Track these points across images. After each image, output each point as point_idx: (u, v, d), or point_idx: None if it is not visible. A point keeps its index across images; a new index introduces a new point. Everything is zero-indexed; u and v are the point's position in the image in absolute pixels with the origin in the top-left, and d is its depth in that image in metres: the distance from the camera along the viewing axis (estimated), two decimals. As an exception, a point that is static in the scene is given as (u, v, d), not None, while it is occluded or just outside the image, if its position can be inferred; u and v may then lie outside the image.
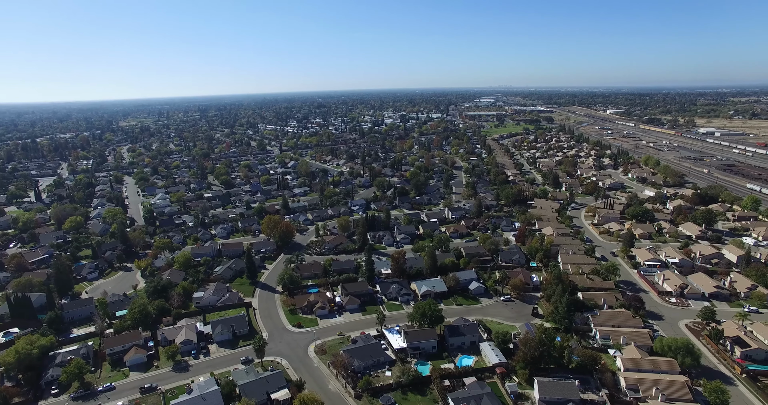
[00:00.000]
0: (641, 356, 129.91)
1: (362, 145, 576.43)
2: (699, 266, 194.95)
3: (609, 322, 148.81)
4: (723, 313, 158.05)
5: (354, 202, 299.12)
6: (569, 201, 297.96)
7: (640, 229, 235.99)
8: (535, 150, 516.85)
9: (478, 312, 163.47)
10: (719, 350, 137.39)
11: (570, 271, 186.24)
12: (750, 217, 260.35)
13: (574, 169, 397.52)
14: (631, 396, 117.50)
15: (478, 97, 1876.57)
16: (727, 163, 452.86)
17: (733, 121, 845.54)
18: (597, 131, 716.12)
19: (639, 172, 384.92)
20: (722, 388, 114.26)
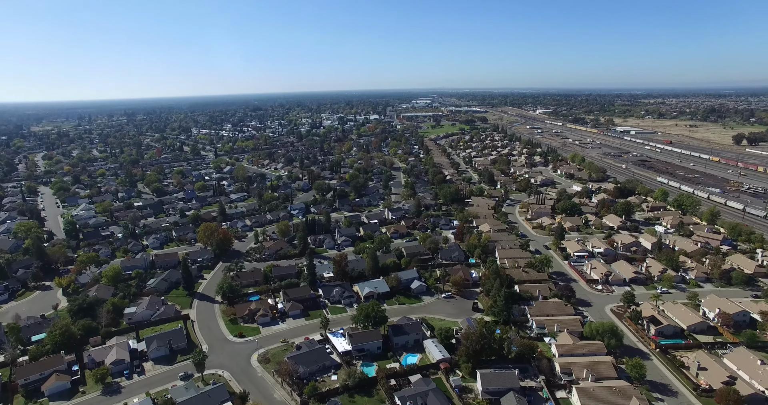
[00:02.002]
0: (573, 342, 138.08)
1: (300, 148, 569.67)
2: (620, 254, 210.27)
3: (544, 312, 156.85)
4: (641, 295, 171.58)
5: (293, 206, 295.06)
6: (504, 198, 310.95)
7: (569, 223, 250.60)
8: (471, 149, 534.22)
9: (420, 310, 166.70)
10: (638, 330, 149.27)
11: (507, 265, 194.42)
12: (660, 207, 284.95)
13: (507, 167, 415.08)
14: (565, 379, 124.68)
15: (415, 98, 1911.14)
16: (641, 158, 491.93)
17: (644, 121, 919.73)
18: (528, 130, 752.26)
19: (567, 168, 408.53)
20: (640, 363, 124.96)
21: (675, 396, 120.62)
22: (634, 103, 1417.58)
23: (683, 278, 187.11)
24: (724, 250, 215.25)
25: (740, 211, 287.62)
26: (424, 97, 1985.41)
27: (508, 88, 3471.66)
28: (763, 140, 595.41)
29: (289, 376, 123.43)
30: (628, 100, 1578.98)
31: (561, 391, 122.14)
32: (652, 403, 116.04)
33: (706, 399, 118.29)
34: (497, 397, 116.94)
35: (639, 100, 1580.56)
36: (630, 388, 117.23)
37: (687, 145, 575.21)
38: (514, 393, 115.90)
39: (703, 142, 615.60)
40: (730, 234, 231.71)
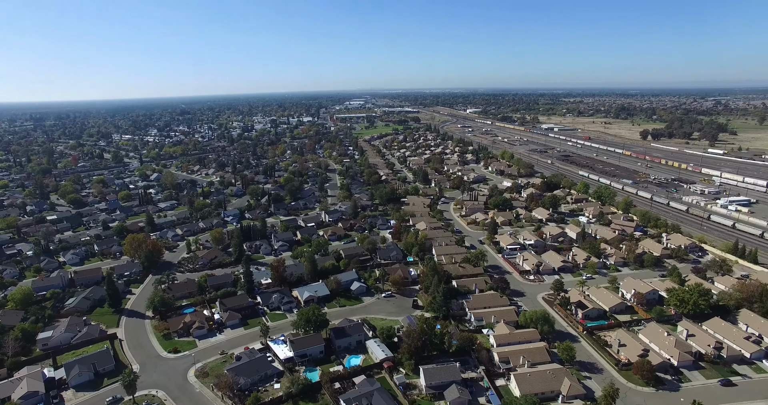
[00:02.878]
0: (509, 331, 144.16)
1: (232, 153, 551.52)
2: (549, 245, 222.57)
3: (481, 305, 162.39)
4: (569, 283, 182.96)
5: (227, 212, 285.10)
6: (439, 196, 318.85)
7: (501, 217, 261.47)
8: (405, 149, 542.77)
9: (361, 311, 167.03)
10: (567, 315, 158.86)
11: (444, 261, 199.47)
12: (583, 199, 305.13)
13: (441, 166, 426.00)
14: (503, 368, 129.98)
15: (349, 99, 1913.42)
16: (564, 154, 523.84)
17: (566, 119, 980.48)
18: (460, 129, 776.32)
19: (497, 165, 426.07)
20: (570, 346, 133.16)
21: (600, 372, 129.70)
22: (556, 102, 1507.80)
23: (604, 264, 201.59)
24: (637, 236, 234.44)
25: (648, 199, 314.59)
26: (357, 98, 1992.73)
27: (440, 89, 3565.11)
28: (663, 135, 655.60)
29: (229, 389, 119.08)
30: (551, 99, 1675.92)
31: (500, 379, 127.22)
32: (582, 382, 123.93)
33: (626, 372, 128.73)
34: (440, 390, 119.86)
35: (560, 99, 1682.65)
36: (562, 370, 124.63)
37: (603, 140, 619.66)
38: (456, 385, 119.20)
39: (617, 137, 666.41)
40: (641, 221, 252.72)
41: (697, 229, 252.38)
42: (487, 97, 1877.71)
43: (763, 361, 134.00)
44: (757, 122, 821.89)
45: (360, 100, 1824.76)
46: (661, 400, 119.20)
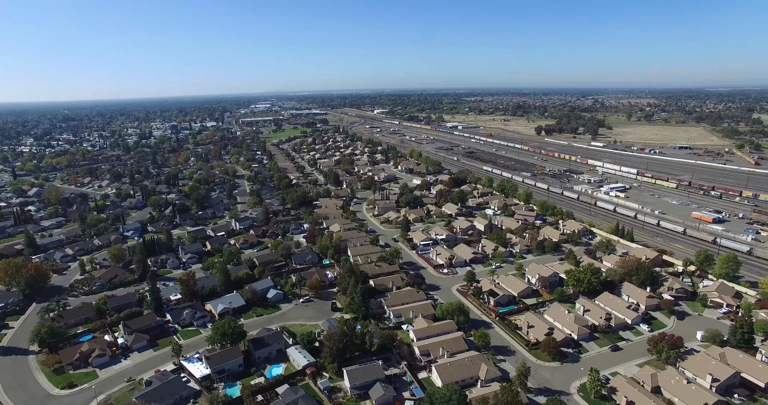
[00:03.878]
0: (428, 325, 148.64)
1: (129, 162, 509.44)
2: (460, 238, 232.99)
3: (399, 301, 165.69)
4: (480, 273, 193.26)
5: (127, 226, 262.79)
6: (351, 197, 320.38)
7: (413, 214, 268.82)
8: (315, 152, 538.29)
9: (280, 319, 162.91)
10: (480, 303, 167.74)
11: (360, 262, 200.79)
12: (488, 193, 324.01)
13: (351, 167, 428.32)
14: (425, 360, 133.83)
15: (254, 102, 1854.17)
16: (469, 150, 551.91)
17: (468, 117, 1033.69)
18: (368, 130, 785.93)
19: (407, 164, 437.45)
20: (485, 332, 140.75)
21: (513, 354, 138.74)
22: (459, 101, 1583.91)
23: (511, 252, 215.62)
24: (538, 224, 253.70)
25: (545, 190, 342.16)
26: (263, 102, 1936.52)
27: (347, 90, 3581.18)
28: (555, 131, 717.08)
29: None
30: (454, 98, 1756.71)
31: (423, 372, 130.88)
32: (497, 365, 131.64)
33: (535, 351, 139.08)
34: (365, 390, 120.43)
35: (463, 98, 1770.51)
36: (479, 357, 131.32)
37: (503, 136, 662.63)
38: (380, 383, 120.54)
39: (515, 133, 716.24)
40: (541, 210, 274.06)
41: (587, 214, 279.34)
42: (394, 97, 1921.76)
43: (641, 325, 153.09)
44: (626, 118, 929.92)
45: (266, 103, 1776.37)
46: (565, 372, 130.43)
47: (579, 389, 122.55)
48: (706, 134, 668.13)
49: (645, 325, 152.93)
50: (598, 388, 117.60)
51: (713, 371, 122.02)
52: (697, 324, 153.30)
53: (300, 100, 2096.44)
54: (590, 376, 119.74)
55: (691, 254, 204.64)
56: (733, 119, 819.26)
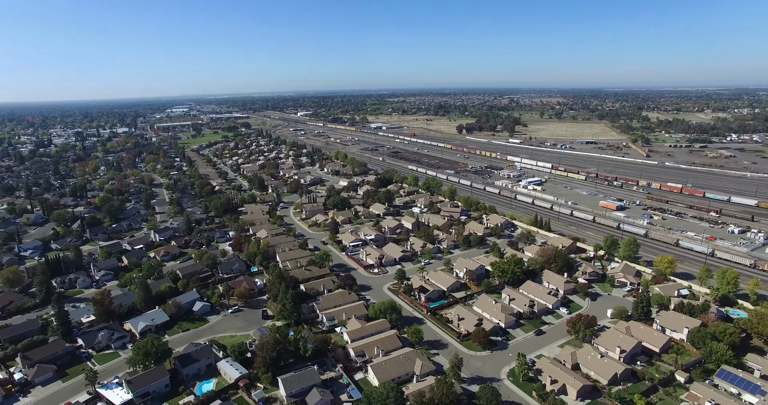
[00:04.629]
0: (361, 325, 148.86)
1: (24, 174, 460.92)
2: (389, 237, 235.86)
3: (331, 304, 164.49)
4: (410, 270, 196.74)
5: (24, 246, 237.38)
6: (277, 201, 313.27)
7: (341, 216, 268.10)
8: (238, 157, 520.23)
9: (208, 332, 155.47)
10: (412, 300, 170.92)
11: (289, 267, 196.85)
12: (414, 191, 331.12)
13: (277, 171, 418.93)
14: (360, 361, 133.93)
15: (170, 107, 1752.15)
16: (394, 150, 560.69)
17: (392, 117, 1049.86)
18: (292, 133, 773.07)
19: (332, 165, 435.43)
20: (418, 328, 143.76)
21: (446, 347, 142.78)
22: (382, 102, 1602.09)
23: (439, 248, 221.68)
24: (463, 219, 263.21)
25: (469, 186, 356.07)
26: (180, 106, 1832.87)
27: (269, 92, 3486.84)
28: (475, 129, 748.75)
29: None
30: (377, 99, 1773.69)
31: (359, 373, 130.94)
32: (431, 359, 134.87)
33: (467, 342, 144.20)
34: (302, 397, 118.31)
35: (385, 99, 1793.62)
36: (414, 352, 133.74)
37: (426, 136, 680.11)
38: (316, 388, 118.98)
39: (438, 132, 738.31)
40: (465, 206, 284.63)
41: (508, 208, 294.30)
42: (317, 99, 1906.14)
43: (561, 309, 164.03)
44: (539, 116, 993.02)
45: (183, 107, 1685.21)
46: (495, 359, 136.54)
47: (508, 374, 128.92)
48: (607, 130, 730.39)
49: (564, 308, 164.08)
50: (526, 371, 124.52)
51: (621, 344, 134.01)
52: (607, 303, 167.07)
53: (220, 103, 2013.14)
54: (518, 361, 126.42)
55: (600, 240, 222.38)
56: (627, 116, 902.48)
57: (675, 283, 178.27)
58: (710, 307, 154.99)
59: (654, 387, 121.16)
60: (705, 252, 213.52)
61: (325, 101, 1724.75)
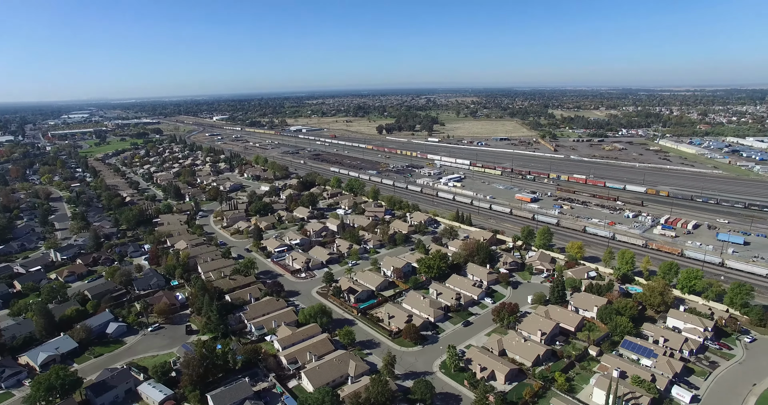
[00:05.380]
0: (292, 332, 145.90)
1: None
2: (314, 241, 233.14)
3: (259, 313, 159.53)
4: (338, 272, 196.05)
5: None
6: (196, 210, 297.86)
7: (264, 222, 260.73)
8: (150, 165, 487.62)
9: (126, 354, 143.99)
10: (342, 302, 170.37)
11: (213, 277, 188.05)
12: (338, 193, 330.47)
13: (193, 179, 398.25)
14: (293, 369, 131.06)
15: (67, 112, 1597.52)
16: (315, 153, 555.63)
17: (312, 120, 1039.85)
18: (208, 138, 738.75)
19: (253, 171, 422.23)
20: (349, 330, 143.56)
21: (378, 346, 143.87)
22: (300, 104, 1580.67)
23: (365, 249, 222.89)
24: (387, 219, 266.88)
25: (391, 186, 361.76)
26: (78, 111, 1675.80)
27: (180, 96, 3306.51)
28: (395, 129, 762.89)
29: None
30: (296, 102, 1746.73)
31: (293, 380, 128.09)
32: (365, 359, 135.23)
33: (398, 339, 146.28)
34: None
35: (304, 101, 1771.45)
36: (347, 354, 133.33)
37: (347, 137, 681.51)
38: (249, 401, 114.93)
39: (358, 133, 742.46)
40: (388, 205, 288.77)
41: (430, 205, 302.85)
42: (233, 102, 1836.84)
43: (485, 299, 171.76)
44: (455, 115, 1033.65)
45: (83, 113, 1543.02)
46: (427, 353, 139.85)
47: (441, 366, 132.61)
48: (518, 127, 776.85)
49: (489, 298, 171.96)
50: (456, 361, 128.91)
51: (541, 327, 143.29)
52: (528, 290, 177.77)
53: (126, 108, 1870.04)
54: (448, 353, 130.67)
55: (517, 231, 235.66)
56: (535, 114, 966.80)
57: (584, 266, 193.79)
58: (614, 286, 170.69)
59: (571, 363, 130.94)
60: (607, 236, 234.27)
61: (242, 104, 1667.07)
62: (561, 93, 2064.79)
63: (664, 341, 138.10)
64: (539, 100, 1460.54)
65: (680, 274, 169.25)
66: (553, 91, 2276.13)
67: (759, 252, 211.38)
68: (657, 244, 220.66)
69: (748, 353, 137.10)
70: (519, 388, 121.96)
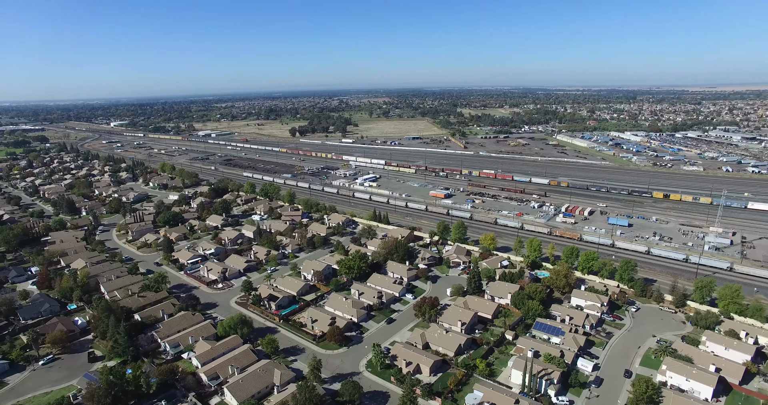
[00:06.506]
0: (211, 346, 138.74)
1: None
2: (230, 249, 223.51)
3: (174, 330, 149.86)
4: (256, 280, 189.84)
5: None
6: (95, 225, 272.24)
7: (175, 233, 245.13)
8: (34, 177, 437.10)
9: (8, 396, 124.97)
10: (262, 311, 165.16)
11: (119, 296, 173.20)
12: (252, 198, 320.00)
13: (90, 190, 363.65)
14: (215, 385, 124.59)
15: None
16: (226, 158, 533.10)
17: (221, 124, 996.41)
18: (106, 145, 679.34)
19: (159, 179, 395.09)
20: (272, 338, 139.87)
21: (303, 352, 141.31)
22: (209, 108, 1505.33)
23: (284, 254, 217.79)
24: (305, 222, 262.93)
25: (307, 188, 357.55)
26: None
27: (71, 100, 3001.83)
28: (308, 131, 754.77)
29: None
30: (203, 105, 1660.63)
31: (215, 397, 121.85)
32: (290, 366, 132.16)
33: (323, 343, 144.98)
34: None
35: (212, 105, 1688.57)
36: (271, 363, 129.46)
37: (260, 141, 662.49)
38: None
39: (271, 137, 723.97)
40: (305, 208, 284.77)
41: (347, 206, 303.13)
42: (133, 107, 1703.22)
43: (407, 295, 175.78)
44: (368, 115, 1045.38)
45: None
46: (353, 354, 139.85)
47: (367, 365, 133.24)
48: (429, 126, 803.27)
49: (410, 294, 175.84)
50: (382, 359, 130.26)
51: (461, 317, 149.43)
52: (446, 283, 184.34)
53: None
54: (374, 351, 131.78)
55: (433, 226, 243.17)
56: (445, 113, 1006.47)
57: (498, 256, 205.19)
58: (524, 273, 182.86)
59: (491, 349, 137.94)
60: (517, 226, 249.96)
61: (143, 109, 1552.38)
62: (468, 92, 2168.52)
63: (569, 319, 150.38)
64: (448, 100, 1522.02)
65: (580, 256, 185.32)
66: (460, 91, 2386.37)
67: (640, 232, 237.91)
68: (560, 231, 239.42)
69: (634, 321, 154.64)
70: (444, 378, 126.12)
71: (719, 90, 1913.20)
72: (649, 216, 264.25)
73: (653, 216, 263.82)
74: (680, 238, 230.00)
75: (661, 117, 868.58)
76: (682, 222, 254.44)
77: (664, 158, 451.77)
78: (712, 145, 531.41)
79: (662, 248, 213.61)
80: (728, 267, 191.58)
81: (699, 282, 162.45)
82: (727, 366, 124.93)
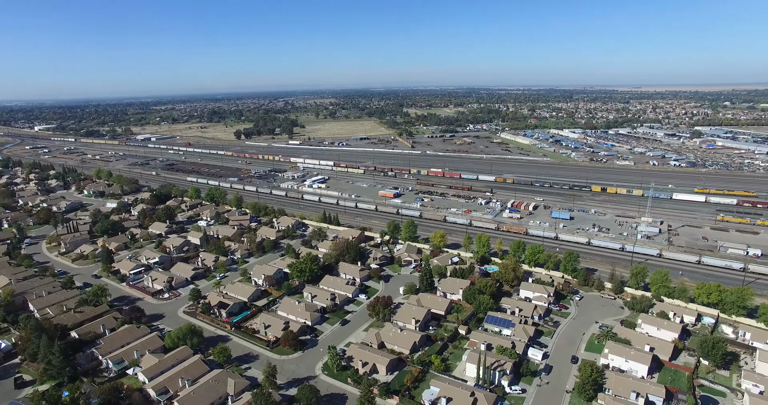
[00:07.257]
0: (159, 359, 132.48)
1: None
2: (176, 257, 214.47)
3: (117, 345, 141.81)
4: (205, 288, 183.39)
5: None
6: (20, 237, 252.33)
7: (114, 243, 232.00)
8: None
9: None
10: (212, 319, 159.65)
11: (51, 314, 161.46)
12: (198, 204, 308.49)
13: (13, 200, 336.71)
14: (164, 400, 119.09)
15: None
16: (168, 163, 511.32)
17: (161, 127, 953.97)
18: (31, 151, 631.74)
19: (95, 186, 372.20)
20: (224, 347, 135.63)
21: (257, 358, 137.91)
22: (147, 111, 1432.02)
23: (233, 260, 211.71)
24: (254, 226, 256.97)
25: (255, 192, 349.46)
26: None
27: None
28: (254, 133, 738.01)
29: None
30: (141, 108, 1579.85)
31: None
32: (243, 375, 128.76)
33: (278, 348, 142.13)
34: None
35: (151, 107, 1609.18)
36: (224, 373, 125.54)
37: (203, 144, 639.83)
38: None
39: (215, 140, 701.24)
40: (254, 212, 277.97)
41: (297, 208, 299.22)
42: (61, 110, 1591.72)
43: (360, 296, 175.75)
44: (315, 116, 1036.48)
45: None
46: (308, 357, 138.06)
47: (323, 368, 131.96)
48: (376, 126, 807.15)
49: (363, 294, 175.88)
50: (338, 361, 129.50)
51: (415, 315, 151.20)
52: (399, 281, 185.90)
53: None
54: (329, 354, 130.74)
55: (384, 226, 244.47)
56: (392, 113, 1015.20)
57: (448, 253, 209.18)
58: (474, 268, 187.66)
59: (445, 344, 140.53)
60: (465, 223, 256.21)
61: (73, 112, 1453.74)
62: (414, 93, 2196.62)
63: (519, 311, 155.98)
64: (394, 100, 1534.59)
65: (527, 250, 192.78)
66: (406, 91, 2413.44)
67: (580, 224, 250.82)
68: (506, 226, 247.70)
69: (578, 309, 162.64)
70: (400, 376, 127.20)
71: (643, 90, 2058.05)
72: (588, 209, 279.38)
73: (592, 208, 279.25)
74: (617, 228, 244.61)
75: (595, 115, 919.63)
76: (618, 213, 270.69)
77: (599, 154, 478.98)
78: (641, 141, 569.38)
79: (601, 239, 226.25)
80: (658, 253, 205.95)
81: (634, 269, 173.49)
82: (659, 345, 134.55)
